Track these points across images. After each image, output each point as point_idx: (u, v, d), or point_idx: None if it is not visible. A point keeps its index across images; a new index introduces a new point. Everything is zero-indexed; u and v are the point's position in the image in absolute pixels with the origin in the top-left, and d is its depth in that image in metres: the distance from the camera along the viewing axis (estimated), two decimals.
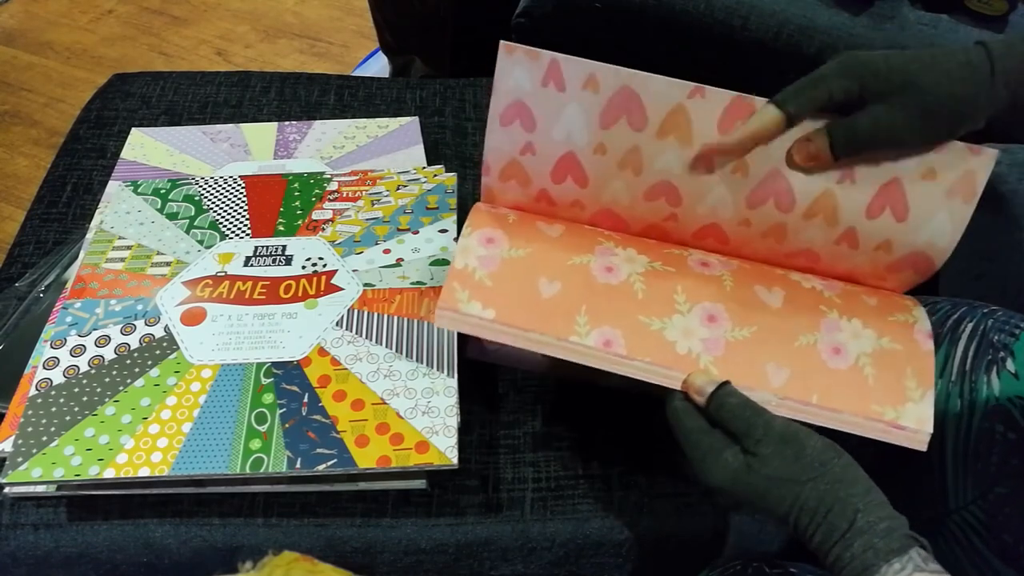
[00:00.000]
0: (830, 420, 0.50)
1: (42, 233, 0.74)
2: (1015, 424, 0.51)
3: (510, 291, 0.54)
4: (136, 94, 0.88)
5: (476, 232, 0.56)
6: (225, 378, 0.58)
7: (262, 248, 0.66)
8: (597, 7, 0.95)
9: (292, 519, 0.58)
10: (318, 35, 1.73)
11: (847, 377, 0.52)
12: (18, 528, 0.57)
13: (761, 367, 0.52)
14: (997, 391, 0.53)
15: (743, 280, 0.55)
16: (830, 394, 0.51)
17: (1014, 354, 0.53)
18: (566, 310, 0.53)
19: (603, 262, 0.55)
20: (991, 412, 0.52)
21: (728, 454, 0.46)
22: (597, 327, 0.53)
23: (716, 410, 0.48)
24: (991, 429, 0.52)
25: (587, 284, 0.54)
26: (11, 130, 1.50)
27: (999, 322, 0.55)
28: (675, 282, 0.54)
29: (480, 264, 0.55)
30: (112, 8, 1.77)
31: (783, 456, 0.45)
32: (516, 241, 0.56)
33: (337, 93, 0.89)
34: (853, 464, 0.45)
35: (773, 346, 0.52)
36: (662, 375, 0.51)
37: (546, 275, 0.54)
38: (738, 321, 0.53)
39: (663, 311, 0.53)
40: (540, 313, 0.53)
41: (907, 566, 0.40)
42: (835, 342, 0.53)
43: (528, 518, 0.59)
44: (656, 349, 0.52)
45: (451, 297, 0.54)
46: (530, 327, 0.53)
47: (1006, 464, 0.51)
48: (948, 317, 0.58)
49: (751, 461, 0.45)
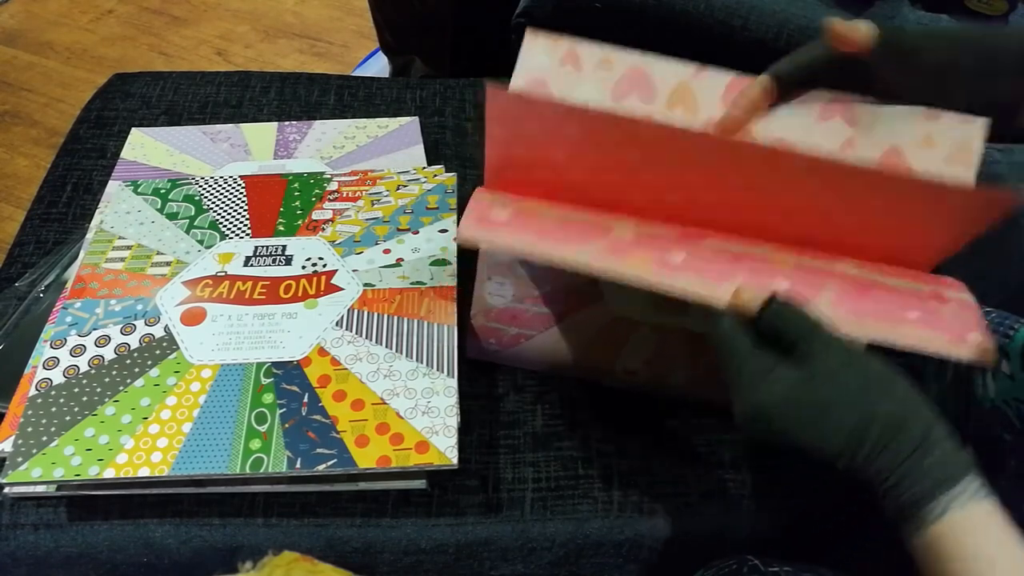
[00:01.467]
0: (887, 335, 0.47)
1: (42, 233, 0.74)
2: (1011, 426, 0.51)
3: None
4: (136, 94, 0.88)
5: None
6: (225, 378, 0.58)
7: (262, 248, 0.66)
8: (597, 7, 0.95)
9: (292, 519, 0.58)
10: (318, 35, 1.73)
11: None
12: (18, 528, 0.57)
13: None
14: (992, 393, 0.53)
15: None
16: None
17: (1009, 356, 0.53)
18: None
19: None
20: (987, 414, 0.52)
21: (780, 370, 0.41)
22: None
23: (772, 317, 0.43)
24: (987, 431, 0.52)
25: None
26: (11, 130, 1.50)
27: (994, 324, 0.56)
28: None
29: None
30: (112, 8, 1.77)
31: (847, 372, 0.41)
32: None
33: (337, 93, 0.89)
34: (916, 387, 0.41)
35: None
36: (709, 292, 0.47)
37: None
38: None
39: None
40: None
41: (981, 489, 0.38)
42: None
43: (528, 518, 0.59)
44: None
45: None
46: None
47: (1003, 466, 0.51)
48: None
49: (810, 375, 0.41)
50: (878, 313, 0.48)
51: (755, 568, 0.51)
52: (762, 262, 0.50)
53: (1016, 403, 0.51)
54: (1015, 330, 0.54)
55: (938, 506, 0.38)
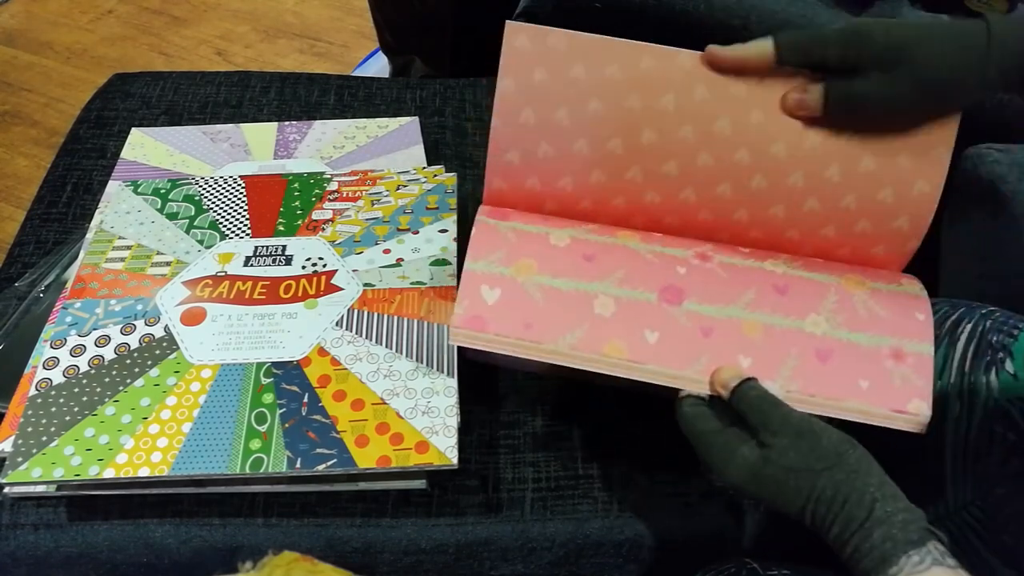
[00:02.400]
0: (833, 410, 0.52)
1: (42, 233, 0.74)
2: (1014, 425, 0.51)
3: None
4: (136, 94, 0.88)
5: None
6: (225, 378, 0.58)
7: (262, 248, 0.66)
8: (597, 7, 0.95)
9: (292, 519, 0.58)
10: (318, 35, 1.73)
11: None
12: (18, 528, 0.57)
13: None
14: (996, 392, 0.53)
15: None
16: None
17: (1013, 355, 0.53)
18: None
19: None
20: (990, 413, 0.52)
21: (744, 449, 0.46)
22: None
23: (737, 403, 0.49)
24: (990, 430, 0.52)
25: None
26: (11, 130, 1.50)
27: (998, 323, 0.55)
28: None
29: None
30: (112, 8, 1.77)
31: (799, 448, 0.45)
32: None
33: (337, 93, 0.89)
34: (868, 456, 0.45)
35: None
36: (671, 377, 0.52)
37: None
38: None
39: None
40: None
41: (926, 559, 0.40)
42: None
43: (528, 518, 0.59)
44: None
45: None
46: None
47: (1006, 465, 0.51)
48: (947, 318, 0.58)
49: (767, 454, 0.45)
50: (831, 386, 0.52)
51: (753, 571, 0.51)
52: (731, 333, 0.54)
53: (1020, 402, 0.51)
54: (1020, 329, 0.54)
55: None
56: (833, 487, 0.43)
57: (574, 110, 0.56)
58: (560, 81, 0.56)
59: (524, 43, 0.55)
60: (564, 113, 0.56)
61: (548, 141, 0.57)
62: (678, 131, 0.56)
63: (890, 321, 0.55)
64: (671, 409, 0.64)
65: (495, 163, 0.58)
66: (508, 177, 0.59)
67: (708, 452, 0.48)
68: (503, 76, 0.56)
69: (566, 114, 0.56)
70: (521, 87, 0.56)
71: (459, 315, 0.54)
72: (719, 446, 0.48)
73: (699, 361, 0.53)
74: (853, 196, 0.57)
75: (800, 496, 0.44)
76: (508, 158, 0.58)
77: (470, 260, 0.56)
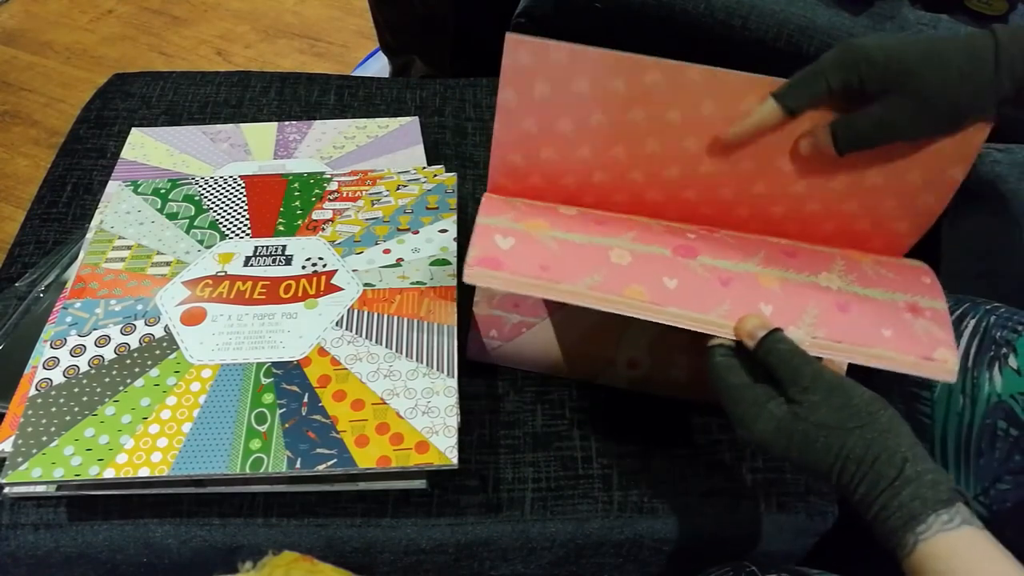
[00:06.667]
0: (862, 356, 0.51)
1: (42, 233, 0.74)
2: (1017, 420, 0.51)
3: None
4: (136, 94, 0.88)
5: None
6: (225, 378, 0.58)
7: (262, 248, 0.66)
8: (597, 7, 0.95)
9: (292, 519, 0.58)
10: (318, 35, 1.73)
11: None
12: (18, 528, 0.57)
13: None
14: (999, 387, 0.53)
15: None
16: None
17: (1016, 350, 0.53)
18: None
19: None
20: (993, 408, 0.53)
21: (772, 405, 0.45)
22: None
23: (765, 355, 0.47)
24: (993, 425, 0.52)
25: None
26: (11, 130, 1.50)
27: (1001, 318, 0.56)
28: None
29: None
30: (112, 8, 1.77)
31: (830, 404, 0.44)
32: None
33: (337, 93, 0.89)
34: (898, 417, 0.44)
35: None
36: (695, 321, 0.51)
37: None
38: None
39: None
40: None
41: (955, 518, 0.39)
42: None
43: (528, 518, 0.59)
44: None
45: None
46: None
47: (1008, 460, 0.51)
48: (950, 314, 0.58)
49: (797, 409, 0.45)
50: (855, 333, 0.51)
51: (753, 574, 0.51)
52: (749, 284, 0.53)
53: (1023, 397, 0.51)
54: (1023, 324, 0.54)
55: (916, 535, 0.39)
56: (864, 445, 0.42)
57: (577, 121, 0.56)
58: (562, 94, 0.55)
59: (525, 57, 0.54)
60: (567, 123, 0.56)
61: (551, 147, 0.57)
62: (682, 142, 0.56)
63: (900, 280, 0.55)
64: (672, 408, 0.64)
65: (498, 163, 0.58)
66: (511, 175, 0.59)
67: (736, 407, 0.47)
68: (503, 87, 0.54)
69: (569, 124, 0.56)
70: (523, 99, 0.55)
71: (473, 256, 0.53)
72: (748, 401, 0.46)
73: (722, 306, 0.51)
74: (856, 203, 0.57)
75: (829, 454, 0.43)
76: (511, 159, 0.58)
77: (481, 217, 0.55)
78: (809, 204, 0.58)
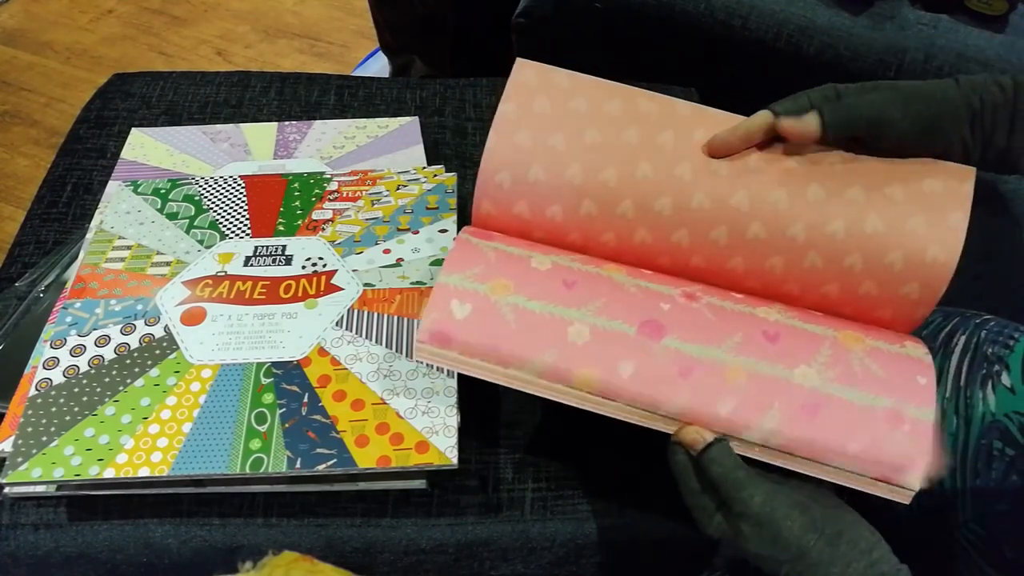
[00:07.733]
0: (812, 470, 0.49)
1: (42, 233, 0.74)
2: (1013, 440, 0.50)
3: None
4: (136, 94, 0.88)
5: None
6: (225, 378, 0.58)
7: (262, 248, 0.66)
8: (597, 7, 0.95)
9: (292, 519, 0.58)
10: (318, 35, 1.73)
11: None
12: (18, 528, 0.57)
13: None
14: (993, 406, 0.52)
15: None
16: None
17: (1009, 367, 0.52)
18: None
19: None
20: (988, 428, 0.52)
21: (718, 518, 0.48)
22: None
23: (705, 467, 0.48)
24: (989, 446, 0.51)
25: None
26: (11, 130, 1.50)
27: (992, 333, 0.55)
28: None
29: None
30: (112, 8, 1.77)
31: (760, 537, 0.46)
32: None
33: (337, 93, 0.89)
34: (836, 539, 0.44)
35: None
36: (643, 417, 0.51)
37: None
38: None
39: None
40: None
41: None
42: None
43: (528, 518, 0.59)
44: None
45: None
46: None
47: (1005, 480, 0.50)
48: (940, 330, 0.57)
49: (735, 533, 0.47)
50: (816, 444, 0.48)
51: None
52: (713, 375, 0.50)
53: (1017, 416, 0.50)
54: (1015, 339, 0.53)
55: None
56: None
57: (570, 137, 0.56)
58: (560, 110, 0.56)
59: (530, 77, 0.57)
60: (560, 139, 0.56)
61: (541, 164, 0.56)
62: (675, 168, 0.55)
63: (888, 382, 0.49)
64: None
65: (485, 184, 0.57)
66: (497, 201, 0.57)
67: (690, 507, 0.49)
68: (505, 101, 0.56)
69: (562, 140, 0.56)
70: (522, 111, 0.56)
71: (424, 328, 0.52)
72: (699, 507, 0.48)
73: (676, 399, 0.49)
74: (858, 255, 0.53)
75: (769, 569, 0.46)
76: (499, 179, 0.56)
77: (444, 274, 0.54)
78: (809, 254, 0.54)
